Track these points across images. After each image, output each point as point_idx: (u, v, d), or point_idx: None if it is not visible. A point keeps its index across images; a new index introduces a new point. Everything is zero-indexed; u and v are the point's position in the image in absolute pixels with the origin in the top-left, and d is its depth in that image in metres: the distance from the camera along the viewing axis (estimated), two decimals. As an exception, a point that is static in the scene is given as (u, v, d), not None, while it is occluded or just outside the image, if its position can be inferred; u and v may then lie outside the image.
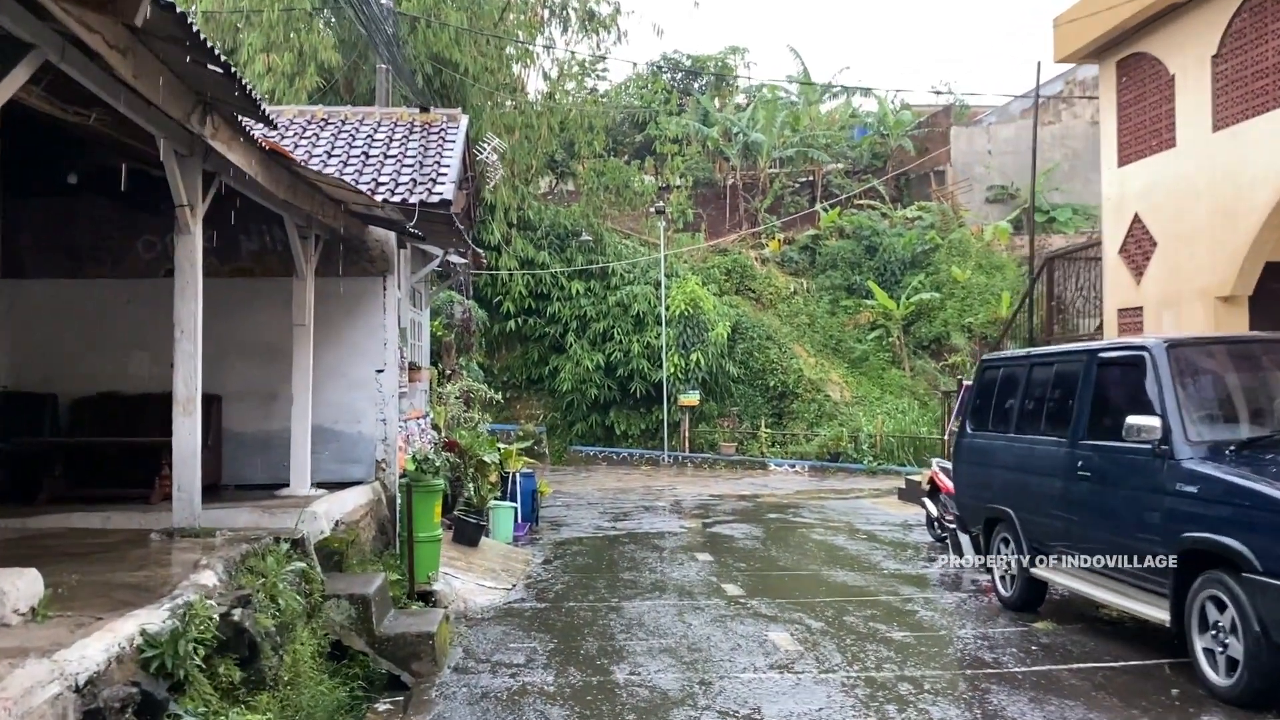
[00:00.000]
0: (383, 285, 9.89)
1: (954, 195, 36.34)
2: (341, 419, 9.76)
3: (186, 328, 6.45)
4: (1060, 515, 7.90)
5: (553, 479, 22.02)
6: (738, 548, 12.84)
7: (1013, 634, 7.99)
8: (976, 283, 31.18)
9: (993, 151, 37.26)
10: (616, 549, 12.79)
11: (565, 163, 34.81)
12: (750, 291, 32.34)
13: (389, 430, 9.86)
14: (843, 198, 37.55)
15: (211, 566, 5.31)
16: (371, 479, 9.73)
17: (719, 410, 28.66)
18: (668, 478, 24.18)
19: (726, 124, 37.58)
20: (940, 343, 30.51)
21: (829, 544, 13.07)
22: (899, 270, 32.56)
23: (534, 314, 28.80)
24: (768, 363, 29.26)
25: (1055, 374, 8.31)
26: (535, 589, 10.10)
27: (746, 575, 10.75)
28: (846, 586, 10.15)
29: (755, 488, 21.77)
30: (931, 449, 25.70)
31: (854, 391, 29.45)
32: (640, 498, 19.46)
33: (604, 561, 11.84)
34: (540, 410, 28.99)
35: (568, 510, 16.93)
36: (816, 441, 26.51)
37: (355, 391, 9.79)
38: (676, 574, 10.87)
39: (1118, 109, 12.19)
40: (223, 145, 5.96)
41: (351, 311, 9.85)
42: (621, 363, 27.90)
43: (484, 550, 11.53)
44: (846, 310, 32.36)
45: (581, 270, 29.26)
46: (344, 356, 9.79)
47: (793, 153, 37.31)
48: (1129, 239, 12.05)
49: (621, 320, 28.54)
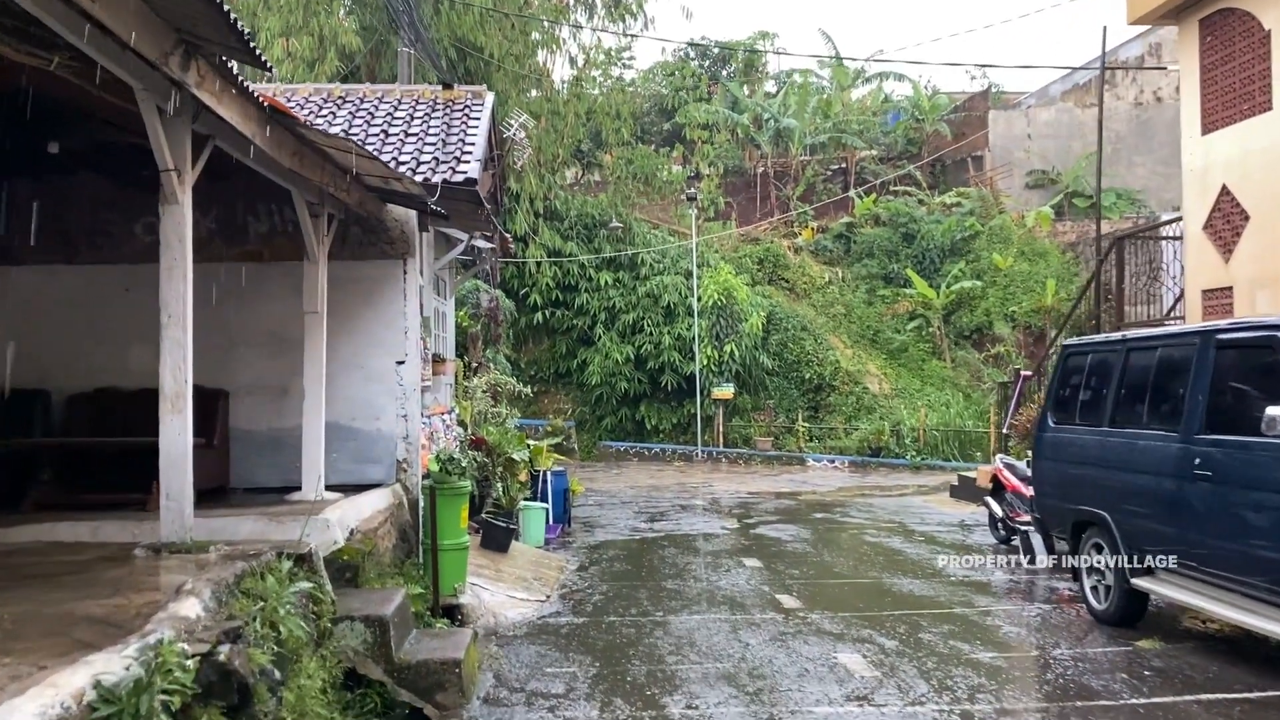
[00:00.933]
0: (403, 269, 9.03)
1: (993, 181, 35.17)
2: (359, 415, 8.91)
3: (174, 311, 5.60)
4: (1170, 519, 6.94)
5: (583, 475, 21.16)
6: (787, 552, 11.92)
7: (1116, 655, 7.03)
8: (1019, 270, 30.04)
9: (1032, 135, 36.06)
10: (655, 553, 11.91)
11: (592, 153, 33.97)
12: (784, 281, 31.37)
13: (410, 427, 9.01)
14: (877, 183, 36.49)
15: (197, 592, 4.46)
16: (392, 481, 8.88)
17: (753, 404, 27.73)
18: (702, 474, 23.28)
19: (757, 110, 36.57)
20: (982, 333, 29.41)
21: (885, 547, 12.13)
22: (938, 258, 31.47)
23: (562, 306, 27.97)
24: (803, 354, 28.29)
25: (1160, 359, 7.33)
26: (571, 600, 9.23)
27: (801, 584, 9.83)
28: (914, 597, 9.21)
29: (795, 484, 20.83)
30: (978, 443, 24.69)
31: (893, 384, 28.44)
32: (675, 495, 18.58)
33: (643, 568, 10.96)
34: (569, 405, 28.17)
35: (600, 510, 16.07)
36: (857, 436, 25.52)
37: (374, 385, 8.94)
38: (724, 582, 9.97)
39: (1200, 72, 11.18)
40: (210, 97, 5.10)
41: (369, 298, 9.00)
42: (652, 355, 27.03)
43: (514, 556, 10.67)
44: (884, 300, 31.32)
45: (610, 260, 28.40)
46: (361, 347, 8.95)
47: (825, 139, 36.26)
48: (1215, 213, 11.04)
49: (651, 311, 27.66)
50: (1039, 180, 35.54)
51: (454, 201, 9.18)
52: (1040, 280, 28.98)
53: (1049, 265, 29.94)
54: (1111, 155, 35.56)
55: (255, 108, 5.56)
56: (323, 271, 7.94)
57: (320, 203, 7.75)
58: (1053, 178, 35.34)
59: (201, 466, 8.46)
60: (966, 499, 16.36)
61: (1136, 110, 35.80)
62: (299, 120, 5.79)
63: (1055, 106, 36.28)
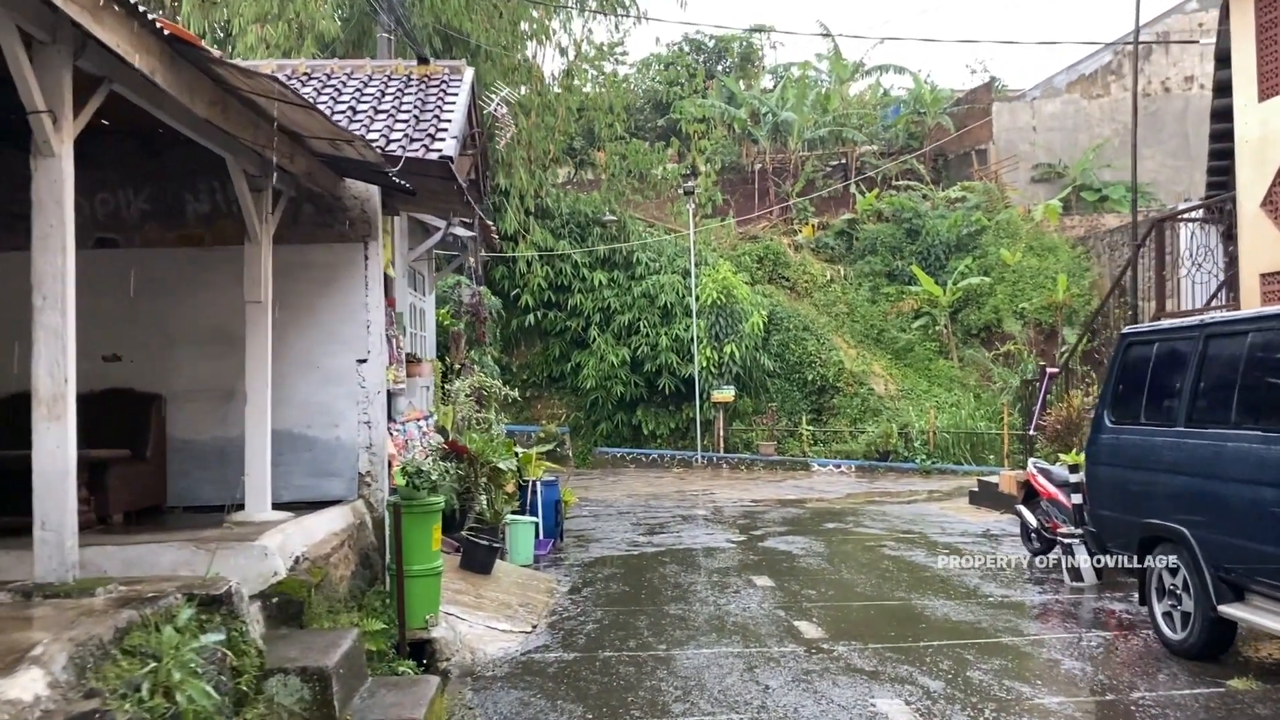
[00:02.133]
0: (364, 254, 7.90)
1: (998, 175, 34.12)
2: (315, 422, 7.78)
3: (50, 292, 4.48)
4: (1270, 535, 5.82)
5: (577, 484, 20.03)
6: (800, 568, 10.79)
7: (1210, 700, 5.92)
8: (1028, 266, 28.96)
9: (1037, 128, 35.06)
10: (656, 571, 10.77)
11: (584, 150, 32.91)
12: (784, 280, 30.26)
13: (375, 435, 7.88)
14: (877, 176, 35.41)
15: (47, 659, 3.33)
16: (353, 497, 7.75)
17: (754, 407, 26.61)
18: (702, 481, 22.15)
19: (754, 105, 35.49)
20: (991, 330, 28.31)
21: (908, 562, 11.00)
22: (943, 254, 30.37)
23: (554, 307, 26.85)
24: (805, 355, 27.17)
25: (1250, 347, 6.22)
26: (561, 631, 8.09)
27: (821, 608, 8.70)
28: (952, 623, 8.09)
29: (801, 491, 19.70)
30: (991, 446, 23.61)
31: (899, 384, 27.34)
32: (675, 505, 17.46)
33: (643, 589, 9.82)
34: (562, 410, 27.04)
35: (595, 521, 14.94)
36: (863, 439, 24.40)
37: (332, 387, 7.82)
38: (734, 606, 8.84)
39: (1256, 32, 10.10)
40: (83, 13, 3.97)
41: (326, 287, 7.87)
42: (649, 357, 25.90)
43: (498, 578, 9.53)
44: (888, 298, 30.22)
45: (604, 259, 27.29)
46: (317, 344, 7.82)
47: (825, 132, 35.18)
48: (1276, 189, 9.97)
49: (648, 312, 26.53)
50: (1045, 174, 34.51)
51: (424, 178, 8.06)
52: (1051, 276, 27.89)
53: (1059, 260, 28.85)
54: (1120, 147, 34.52)
55: (152, 35, 4.43)
56: (267, 254, 6.81)
57: (262, 174, 6.61)
58: (1059, 171, 34.30)
59: (131, 483, 7.33)
60: (988, 506, 15.25)
61: (1145, 101, 34.66)
62: (209, 52, 4.65)
63: (1061, 98, 35.25)
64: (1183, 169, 34.77)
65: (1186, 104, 34.48)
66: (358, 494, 7.76)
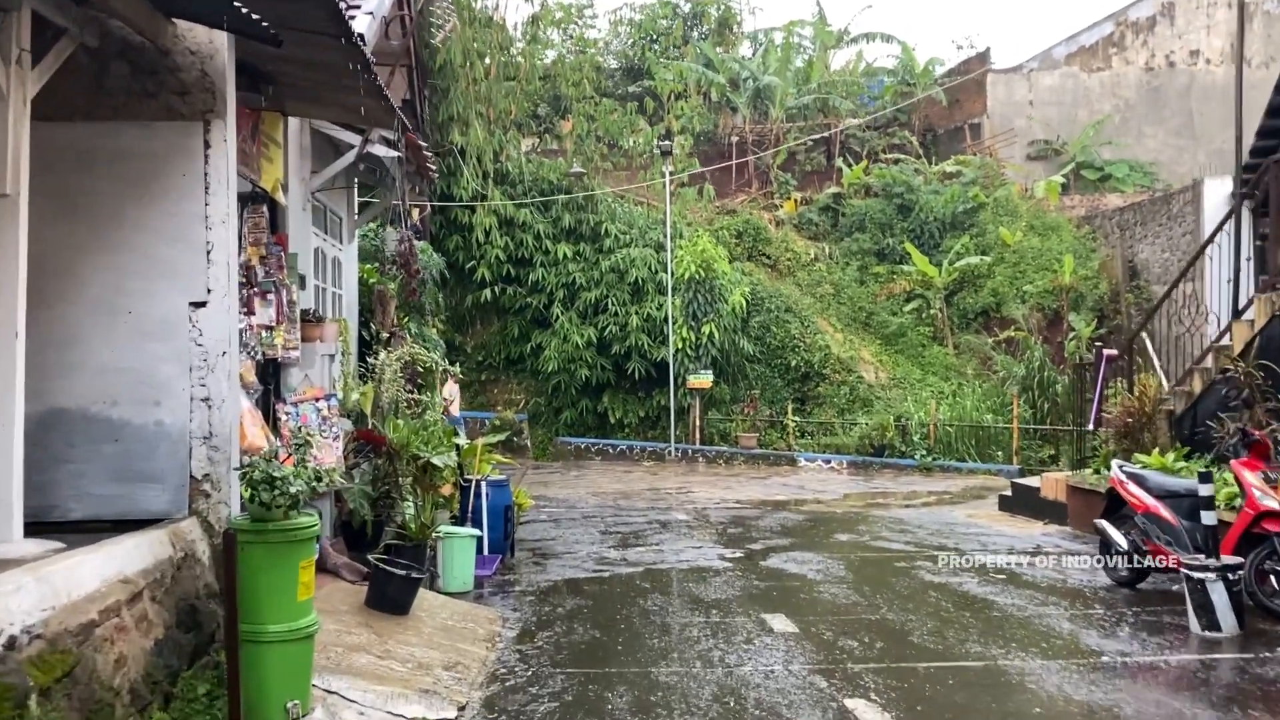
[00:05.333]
0: (203, 140, 5.20)
1: (994, 150, 31.82)
2: (124, 397, 5.11)
3: None
4: None
5: (536, 479, 17.40)
6: (824, 601, 8.25)
7: None
8: (1030, 246, 26.64)
9: (1034, 102, 32.81)
10: (634, 603, 8.18)
11: (550, 118, 30.22)
12: (764, 257, 27.73)
13: (218, 418, 5.22)
14: (863, 150, 33.01)
15: None
16: (181, 513, 5.09)
17: (732, 395, 24.08)
18: (677, 476, 19.60)
19: (733, 70, 32.89)
20: (989, 315, 25.98)
21: (961, 594, 8.49)
22: (938, 232, 28.00)
23: (513, 282, 24.15)
24: (788, 339, 24.68)
25: None
26: (504, 712, 5.46)
27: (876, 674, 6.13)
28: (1076, 705, 5.56)
29: (791, 491, 17.20)
30: (997, 441, 21.25)
31: (890, 372, 24.94)
32: (649, 505, 14.88)
33: (619, 633, 7.22)
34: (521, 395, 24.36)
35: (555, 529, 12.32)
36: (856, 432, 21.93)
37: (151, 344, 5.14)
38: (751, 669, 6.26)
39: None
40: None
41: (144, 190, 5.18)
42: (617, 338, 23.28)
43: (419, 620, 6.89)
44: (877, 278, 27.80)
45: (570, 230, 24.61)
46: (128, 276, 5.15)
47: (809, 100, 32.67)
48: None
49: (617, 289, 23.89)
50: (1042, 151, 32.30)
51: (309, 36, 5.37)
52: (1055, 257, 25.58)
53: (1063, 241, 26.56)
54: (1120, 125, 32.45)
55: None
56: (19, 117, 4.11)
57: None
58: (1056, 148, 32.10)
59: None
60: (1026, 514, 12.82)
61: (1148, 76, 32.65)
62: None
63: (1059, 71, 32.99)
64: (1186, 149, 32.68)
65: (1191, 80, 32.39)
66: (189, 509, 5.09)
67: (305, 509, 5.03)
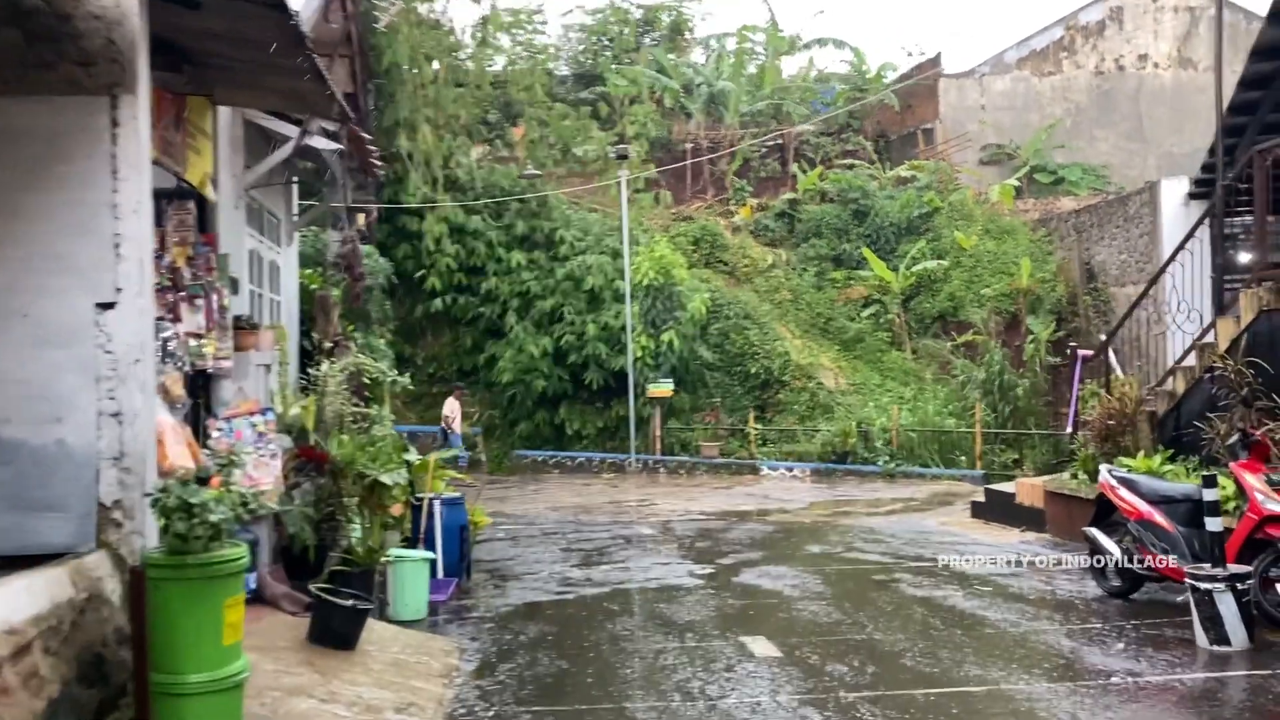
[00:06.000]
0: (110, 118, 4.56)
1: (947, 155, 31.74)
2: (17, 414, 4.45)
3: None
4: None
5: (492, 494, 16.73)
6: (803, 620, 7.73)
7: None
8: (986, 250, 26.50)
9: (986, 107, 32.83)
10: (603, 628, 7.60)
11: (500, 125, 29.63)
12: (722, 264, 27.33)
13: (131, 436, 4.58)
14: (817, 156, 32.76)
15: None
16: (88, 546, 4.43)
17: (692, 403, 23.59)
18: (638, 488, 19.06)
19: (687, 76, 32.50)
20: (947, 319, 25.77)
21: (949, 608, 8.02)
22: (894, 237, 27.81)
23: (465, 291, 23.51)
24: (747, 346, 24.26)
25: None
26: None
27: (871, 704, 5.62)
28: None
29: (756, 501, 16.72)
30: (959, 446, 20.97)
31: (849, 378, 24.60)
32: (612, 520, 14.32)
33: (588, 664, 6.65)
34: (475, 408, 23.65)
35: (514, 548, 11.70)
36: (819, 439, 21.52)
37: (50, 351, 4.48)
38: (735, 700, 5.72)
39: None
40: None
41: (39, 175, 4.54)
42: (574, 348, 22.71)
43: (367, 655, 6.26)
44: (834, 284, 27.52)
45: (523, 238, 24.01)
46: (23, 275, 4.49)
47: (763, 105, 32.35)
48: None
49: (573, 297, 23.33)
50: (995, 155, 32.31)
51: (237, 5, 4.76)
52: (1012, 260, 25.45)
53: (1019, 244, 26.46)
54: (1072, 129, 32.55)
55: None
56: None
57: None
58: (1009, 152, 32.12)
59: None
60: (1000, 521, 12.45)
61: (1098, 80, 32.82)
62: None
63: (1011, 75, 33.07)
64: (1137, 152, 32.87)
65: (1140, 83, 32.61)
66: (96, 541, 4.43)
67: (236, 537, 4.41)
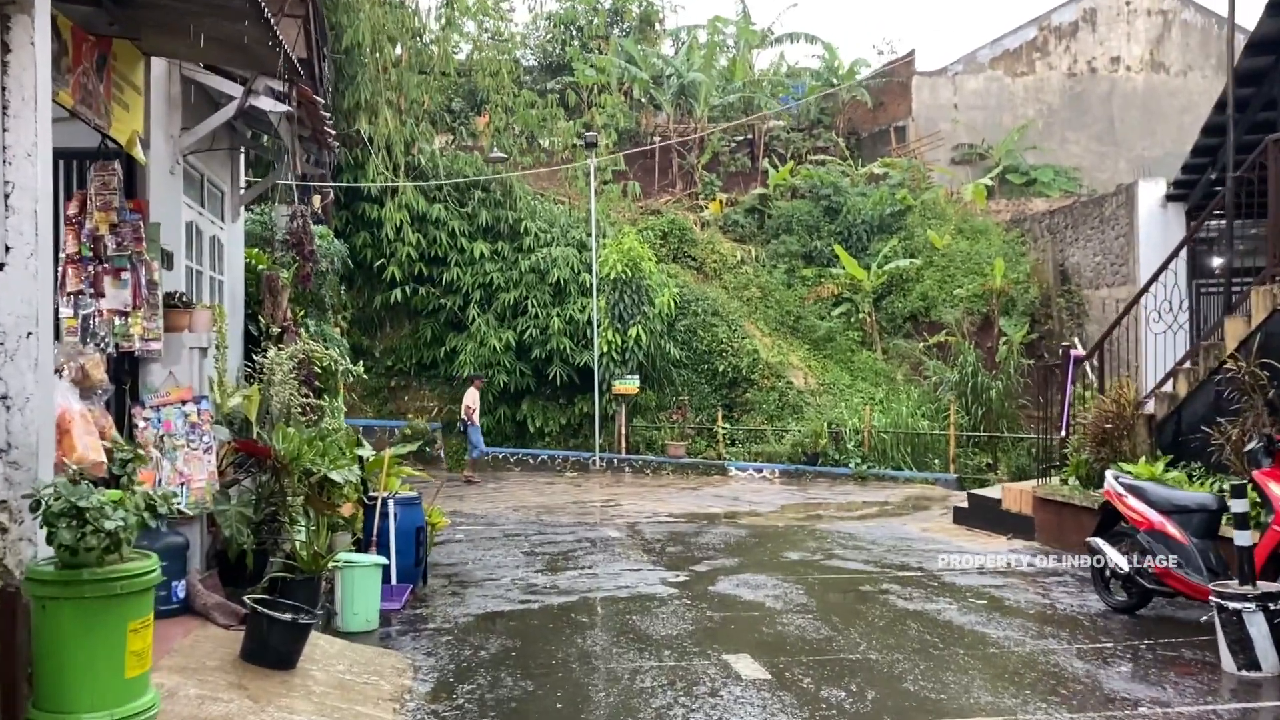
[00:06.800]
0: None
1: (920, 153, 31.39)
2: None
3: None
4: None
5: (451, 492, 16.05)
6: (790, 637, 7.10)
7: None
8: (959, 249, 26.15)
9: (959, 105, 32.53)
10: (571, 644, 6.92)
11: (465, 113, 28.86)
12: (690, 259, 26.71)
13: (23, 422, 3.84)
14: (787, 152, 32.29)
15: None
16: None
17: (658, 401, 22.95)
18: (603, 488, 18.39)
19: (657, 67, 31.85)
20: (918, 319, 25.35)
21: (944, 624, 7.43)
22: (865, 235, 27.38)
23: (426, 282, 22.69)
24: (715, 343, 23.69)
25: None
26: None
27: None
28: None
29: (725, 503, 16.12)
30: (935, 449, 20.52)
31: (819, 377, 24.09)
32: (576, 521, 13.64)
33: (556, 687, 5.97)
34: (434, 402, 22.89)
35: (474, 550, 10.98)
36: (789, 439, 20.99)
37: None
38: (724, 730, 5.08)
39: None
40: None
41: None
42: (537, 342, 22.01)
43: (309, 675, 5.54)
44: (805, 282, 27.01)
45: (486, 228, 23.23)
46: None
47: (734, 99, 31.79)
48: None
49: (537, 289, 22.62)
50: (967, 155, 32.03)
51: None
52: (986, 260, 25.10)
53: (991, 244, 26.13)
54: (1044, 130, 32.34)
55: None
56: None
57: None
58: (981, 152, 31.85)
59: None
60: (984, 528, 11.93)
61: (1070, 81, 32.65)
62: None
63: (984, 74, 32.78)
64: (1108, 155, 32.73)
65: (1112, 86, 32.46)
66: (-29, 552, 3.69)
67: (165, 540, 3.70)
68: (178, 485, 6.24)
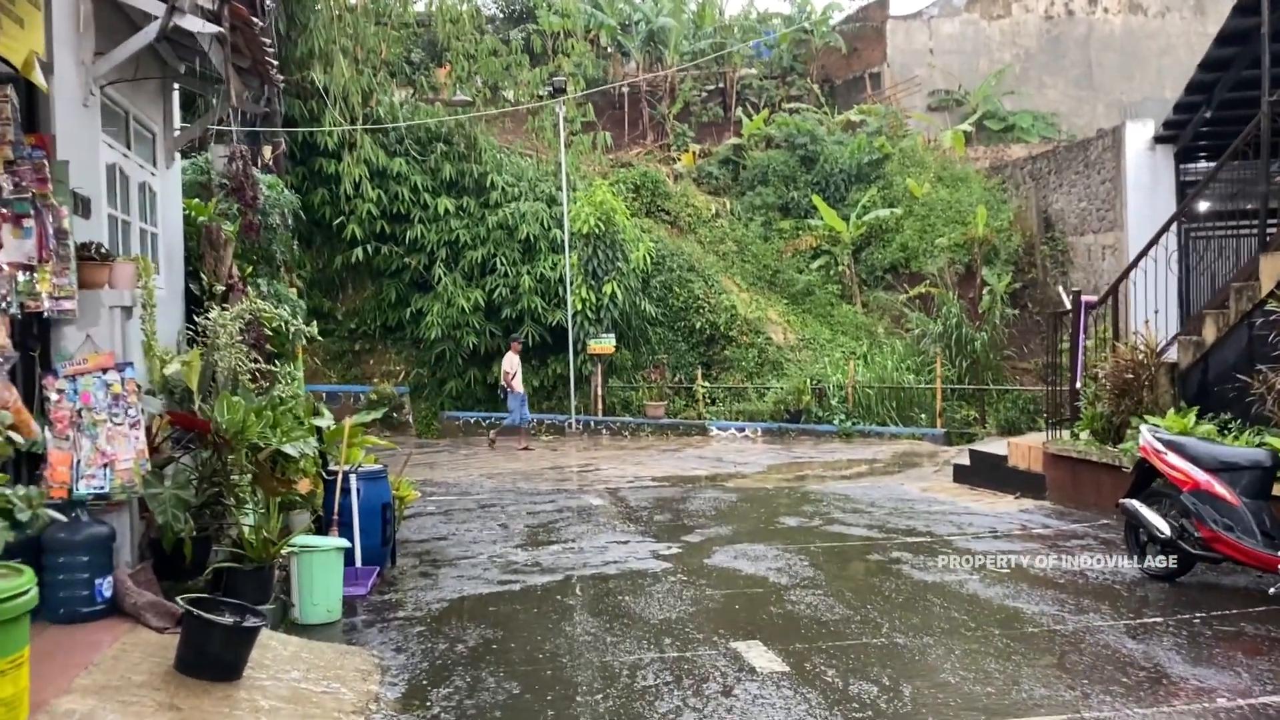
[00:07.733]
0: None
1: (896, 99, 30.56)
2: None
3: None
4: None
5: (421, 461, 15.23)
6: (802, 618, 6.38)
7: None
8: (939, 198, 25.45)
9: (935, 50, 31.70)
10: (559, 634, 6.16)
11: (425, 65, 27.63)
12: (664, 213, 25.83)
13: None
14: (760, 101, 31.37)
15: None
16: None
17: (634, 361, 22.18)
18: (581, 452, 17.65)
19: (624, 13, 30.72)
20: (899, 270, 24.68)
21: (971, 598, 6.74)
22: (844, 185, 26.62)
23: (389, 240, 21.68)
24: (691, 299, 22.92)
25: None
26: None
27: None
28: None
29: (709, 465, 15.42)
30: (921, 403, 19.89)
31: (799, 333, 23.39)
32: (555, 489, 12.87)
33: (546, 688, 5.22)
34: (401, 366, 21.98)
35: (447, 524, 10.18)
36: (771, 397, 20.30)
37: None
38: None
39: None
40: None
41: None
42: (507, 301, 21.13)
43: (257, 685, 4.74)
44: (782, 234, 26.26)
45: (451, 183, 22.20)
46: None
47: (705, 45, 30.72)
48: None
49: (506, 246, 21.68)
50: (944, 101, 31.27)
51: None
52: (967, 208, 24.41)
53: (972, 192, 25.44)
54: (1020, 74, 31.61)
55: None
56: None
57: None
58: (958, 98, 31.10)
59: None
60: (988, 486, 11.29)
61: (1047, 24, 31.90)
62: None
63: (960, 18, 31.95)
64: (1086, 99, 32.06)
65: (1090, 29, 31.73)
66: None
67: (82, 532, 2.86)
68: (100, 466, 5.39)
